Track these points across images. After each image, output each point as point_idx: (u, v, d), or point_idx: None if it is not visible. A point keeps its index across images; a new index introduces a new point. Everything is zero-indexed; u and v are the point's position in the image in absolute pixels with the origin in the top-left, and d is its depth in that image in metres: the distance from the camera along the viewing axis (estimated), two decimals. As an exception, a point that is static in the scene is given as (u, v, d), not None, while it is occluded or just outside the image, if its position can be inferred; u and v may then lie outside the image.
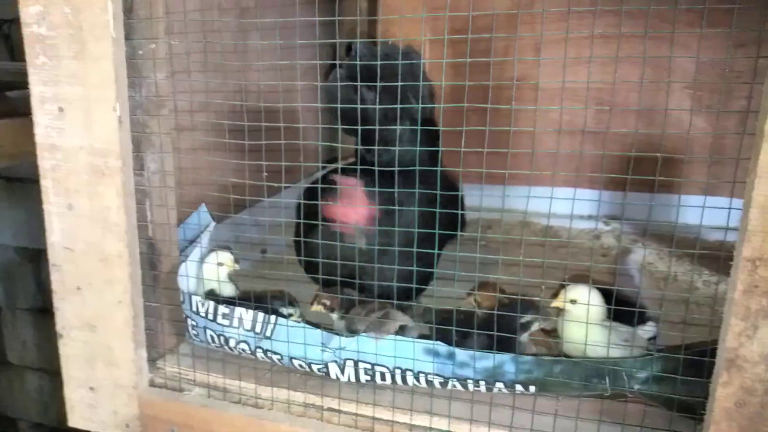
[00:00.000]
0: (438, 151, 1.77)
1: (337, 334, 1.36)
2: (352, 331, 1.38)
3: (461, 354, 1.25)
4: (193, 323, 1.45)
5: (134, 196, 1.39)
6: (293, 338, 1.34)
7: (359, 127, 1.52)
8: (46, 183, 1.40)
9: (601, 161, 2.13)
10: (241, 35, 1.83)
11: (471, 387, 1.29)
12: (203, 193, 1.62)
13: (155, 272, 1.45)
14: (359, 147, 1.71)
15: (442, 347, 1.26)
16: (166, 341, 1.50)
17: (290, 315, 1.49)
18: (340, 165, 1.72)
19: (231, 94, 1.70)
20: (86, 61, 1.29)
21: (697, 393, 1.11)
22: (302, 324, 1.36)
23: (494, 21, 1.14)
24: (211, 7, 1.73)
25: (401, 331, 1.37)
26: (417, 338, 1.34)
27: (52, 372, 2.98)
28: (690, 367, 1.13)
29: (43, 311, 2.95)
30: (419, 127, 1.72)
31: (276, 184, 1.29)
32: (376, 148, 1.62)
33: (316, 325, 1.37)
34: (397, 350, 1.28)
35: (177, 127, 1.54)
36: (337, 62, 1.61)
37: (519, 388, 1.26)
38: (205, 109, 1.62)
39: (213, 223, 1.62)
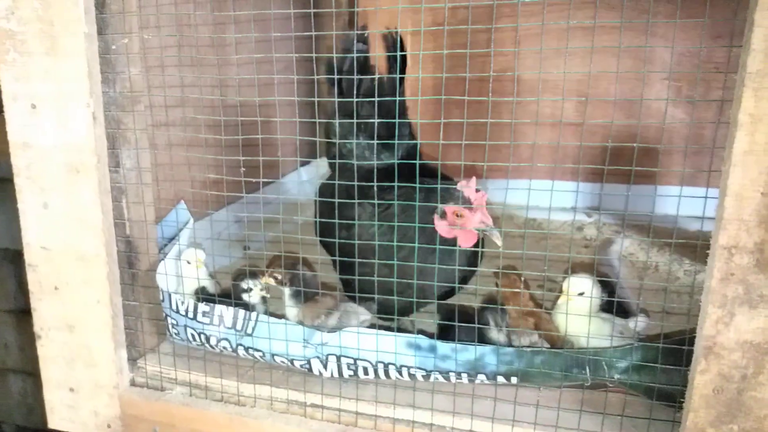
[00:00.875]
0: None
1: (318, 328, 1.35)
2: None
3: (443, 347, 1.25)
4: (174, 322, 1.44)
5: (110, 193, 1.37)
6: (275, 335, 1.33)
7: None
8: (20, 181, 1.38)
9: (581, 153, 2.14)
10: (217, 29, 1.80)
11: (453, 379, 1.29)
12: (181, 190, 1.60)
13: (134, 271, 1.43)
14: (375, 142, 1.63)
15: (423, 340, 1.26)
16: (146, 340, 1.48)
17: (250, 289, 1.49)
18: (375, 163, 1.61)
19: (207, 89, 1.68)
20: (58, 57, 1.27)
21: (676, 381, 1.12)
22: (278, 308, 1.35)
23: (469, 13, 1.13)
24: (186, 1, 1.71)
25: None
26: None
27: (35, 374, 2.94)
28: (669, 355, 1.14)
29: (25, 312, 2.91)
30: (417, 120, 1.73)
31: (254, 180, 1.27)
32: (396, 141, 1.60)
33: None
34: (380, 344, 1.28)
35: (153, 123, 1.52)
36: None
37: (501, 379, 1.26)
38: (181, 104, 1.60)
39: (192, 220, 1.60)
